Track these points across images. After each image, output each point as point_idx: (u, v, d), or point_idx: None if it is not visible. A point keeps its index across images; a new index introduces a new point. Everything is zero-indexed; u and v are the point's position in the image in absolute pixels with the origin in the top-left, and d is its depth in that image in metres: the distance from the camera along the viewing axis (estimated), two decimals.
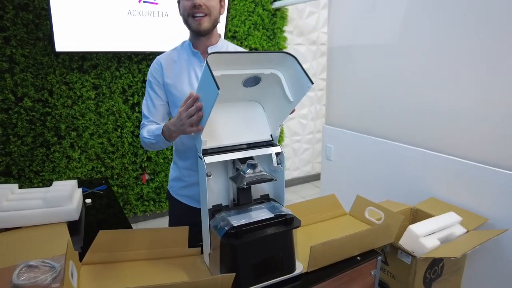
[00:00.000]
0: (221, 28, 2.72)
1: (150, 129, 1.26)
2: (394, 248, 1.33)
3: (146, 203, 2.90)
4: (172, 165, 1.52)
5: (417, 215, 1.62)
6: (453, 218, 1.47)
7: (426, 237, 1.33)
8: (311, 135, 3.81)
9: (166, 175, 2.95)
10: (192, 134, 1.00)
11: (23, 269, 0.93)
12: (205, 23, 1.28)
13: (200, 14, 1.26)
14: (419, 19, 1.77)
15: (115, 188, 2.74)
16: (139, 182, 2.84)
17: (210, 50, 1.34)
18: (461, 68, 1.63)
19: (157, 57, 1.38)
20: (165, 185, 2.96)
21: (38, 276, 0.91)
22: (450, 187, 1.71)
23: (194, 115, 0.94)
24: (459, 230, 1.44)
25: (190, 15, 1.27)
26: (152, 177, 2.90)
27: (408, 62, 1.87)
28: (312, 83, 0.88)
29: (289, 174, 3.74)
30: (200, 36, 1.32)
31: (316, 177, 3.87)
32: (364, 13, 2.05)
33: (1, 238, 1.18)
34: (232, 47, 1.45)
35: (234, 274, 0.85)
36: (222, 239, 0.90)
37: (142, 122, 1.36)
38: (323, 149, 2.48)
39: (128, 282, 0.93)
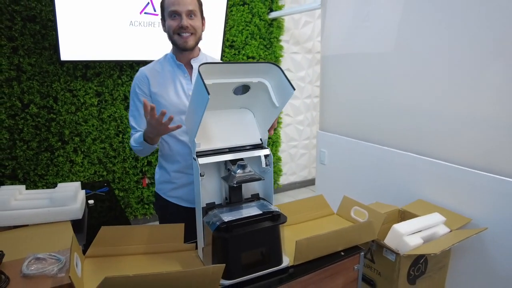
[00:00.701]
0: (219, 37, 2.83)
1: (135, 137, 1.40)
2: (380, 247, 1.40)
3: (146, 206, 2.98)
4: (158, 169, 1.60)
5: (404, 216, 1.69)
6: (437, 218, 1.54)
7: (409, 235, 1.40)
8: (307, 140, 3.89)
9: None
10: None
11: (32, 261, 1.01)
12: (191, 41, 1.41)
13: (186, 34, 1.39)
14: (411, 28, 1.84)
15: (116, 192, 2.82)
16: (140, 186, 2.92)
17: (193, 62, 1.48)
18: (447, 77, 1.71)
19: (140, 69, 1.49)
20: None
21: (46, 267, 0.99)
22: (437, 189, 1.78)
23: (162, 119, 1.11)
24: (443, 229, 1.51)
25: (176, 33, 1.40)
26: (152, 181, 2.98)
27: (397, 71, 1.95)
28: (294, 89, 0.97)
29: (286, 179, 3.82)
30: (184, 51, 1.45)
31: (312, 182, 3.94)
32: (357, 22, 2.14)
33: (10, 234, 1.26)
34: (210, 59, 1.57)
35: (224, 265, 0.94)
36: (214, 233, 0.98)
37: (130, 133, 1.47)
38: (317, 154, 2.57)
39: (128, 273, 1.01)
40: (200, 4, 1.47)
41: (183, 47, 1.42)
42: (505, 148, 1.53)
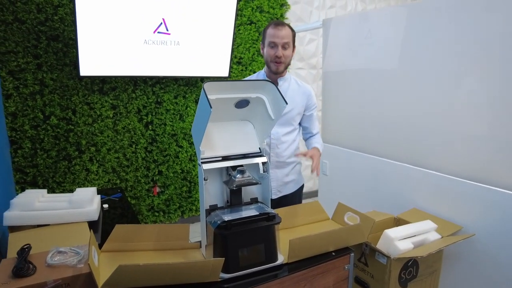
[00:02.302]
0: (227, 54, 2.99)
1: None
2: (373, 250, 1.50)
3: (156, 214, 3.11)
4: None
5: (399, 224, 1.78)
6: (428, 225, 1.63)
7: (400, 240, 1.49)
8: None
9: (176, 188, 3.17)
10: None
11: (55, 253, 1.14)
12: (281, 68, 1.73)
13: (279, 62, 1.70)
14: (409, 46, 1.96)
15: (128, 199, 2.96)
16: (151, 194, 3.06)
17: (279, 80, 1.80)
18: (441, 92, 1.82)
19: None
20: (174, 198, 3.18)
21: (67, 258, 1.12)
22: (430, 198, 1.88)
23: None
24: (434, 236, 1.60)
25: (272, 61, 1.70)
26: (163, 189, 3.12)
27: (394, 86, 2.07)
28: (287, 103, 1.10)
29: None
30: (275, 74, 1.75)
31: (317, 193, 4.02)
32: (359, 39, 2.27)
33: (35, 232, 1.41)
34: (294, 79, 1.85)
35: (224, 258, 1.05)
36: (215, 231, 1.10)
37: None
38: (320, 165, 2.67)
39: None
40: (294, 35, 1.76)
41: (275, 72, 1.73)
42: (494, 159, 1.63)
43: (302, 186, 1.98)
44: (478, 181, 1.67)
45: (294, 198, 1.92)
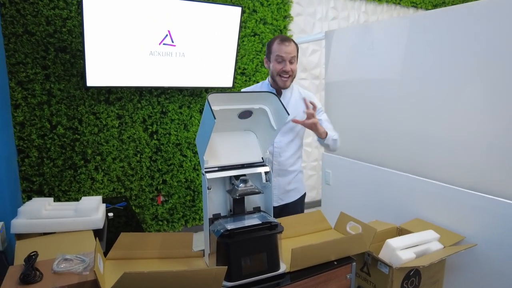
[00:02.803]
0: (231, 65, 3.04)
1: None
2: (375, 260, 1.50)
3: (160, 222, 3.13)
4: None
5: (401, 233, 1.78)
6: (430, 235, 1.63)
7: (402, 250, 1.50)
8: (315, 162, 4.01)
9: (179, 197, 3.19)
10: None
11: (61, 260, 1.16)
12: (288, 82, 1.76)
13: (286, 76, 1.72)
14: (413, 57, 1.99)
15: (133, 208, 2.99)
16: (155, 203, 3.09)
17: (283, 91, 1.81)
18: (443, 103, 1.84)
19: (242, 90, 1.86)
20: (178, 207, 3.19)
21: (73, 266, 1.14)
22: (433, 208, 1.88)
23: None
24: (436, 245, 1.60)
25: (278, 75, 1.72)
26: (167, 198, 3.14)
27: (396, 97, 2.09)
28: (288, 114, 1.13)
29: None
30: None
31: (321, 203, 4.02)
32: (361, 50, 2.30)
33: (41, 240, 1.43)
34: (296, 88, 1.87)
35: (226, 267, 1.07)
36: (218, 239, 1.12)
37: None
38: (323, 175, 2.69)
39: None
40: (297, 50, 1.79)
41: (283, 87, 1.76)
42: (496, 169, 1.64)
43: (304, 195, 2.00)
44: (481, 191, 1.68)
45: (296, 206, 1.93)
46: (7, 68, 2.42)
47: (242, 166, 1.27)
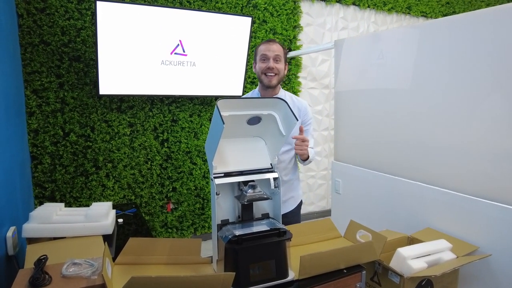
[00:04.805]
0: (241, 74, 3.07)
1: None
2: (385, 270, 1.47)
3: (170, 230, 3.13)
4: None
5: (412, 243, 1.75)
6: (442, 245, 1.60)
7: (413, 259, 1.47)
8: (325, 171, 3.99)
9: (189, 205, 3.19)
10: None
11: (70, 265, 1.17)
12: (274, 80, 1.73)
13: (271, 74, 1.70)
14: (424, 65, 1.97)
15: (142, 215, 3.00)
16: (164, 211, 3.10)
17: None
18: (454, 112, 1.81)
19: None
20: (187, 214, 3.20)
21: (81, 270, 1.15)
22: (445, 218, 1.84)
23: None
24: (448, 255, 1.56)
25: (263, 73, 1.72)
26: (176, 206, 3.15)
27: (407, 105, 2.08)
28: (297, 119, 1.13)
29: (304, 209, 3.87)
30: (268, 88, 1.75)
31: (330, 212, 3.99)
32: (371, 59, 2.29)
33: (51, 244, 1.45)
34: (289, 95, 1.86)
35: (234, 273, 1.06)
36: (226, 245, 1.12)
37: None
38: (332, 183, 2.67)
39: None
40: (286, 53, 1.80)
41: (268, 85, 1.73)
42: (510, 177, 1.60)
43: (301, 203, 2.00)
44: (495, 200, 1.64)
45: (294, 216, 1.93)
46: (23, 77, 2.49)
47: (251, 172, 1.27)
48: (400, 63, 2.09)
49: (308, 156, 1.76)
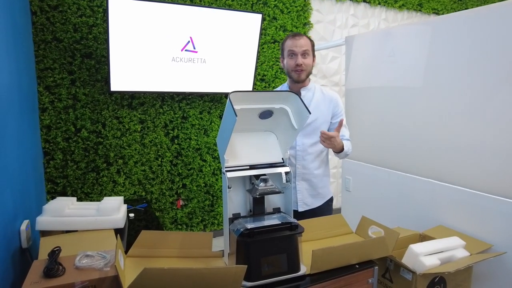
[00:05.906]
0: (251, 72, 3.06)
1: None
2: (397, 266, 1.46)
3: (179, 226, 3.14)
4: None
5: (424, 240, 1.73)
6: (456, 242, 1.58)
7: (426, 256, 1.45)
8: (335, 169, 3.97)
9: (199, 202, 3.20)
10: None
11: (83, 256, 1.18)
12: (303, 76, 1.73)
13: (300, 69, 1.70)
14: (435, 62, 1.95)
15: (153, 210, 3.02)
16: (174, 207, 3.11)
17: (302, 90, 1.79)
18: (467, 108, 1.79)
19: None
20: (197, 211, 3.21)
21: (94, 262, 1.15)
22: (457, 215, 1.82)
23: None
24: (462, 253, 1.54)
25: (293, 70, 1.72)
26: (186, 202, 3.17)
27: (418, 102, 2.05)
28: (310, 113, 1.12)
29: None
30: (297, 83, 1.76)
31: (340, 210, 3.96)
32: (382, 57, 2.27)
33: (64, 237, 1.46)
34: (319, 87, 1.85)
35: (246, 266, 1.06)
36: (238, 238, 1.12)
37: None
38: (343, 181, 2.65)
39: None
40: (313, 45, 1.79)
41: (297, 80, 1.74)
42: None
43: (331, 200, 1.95)
44: (509, 197, 1.61)
45: (324, 213, 1.87)
46: (36, 73, 2.52)
47: (262, 166, 1.26)
48: (411, 60, 2.07)
49: (343, 149, 1.72)
